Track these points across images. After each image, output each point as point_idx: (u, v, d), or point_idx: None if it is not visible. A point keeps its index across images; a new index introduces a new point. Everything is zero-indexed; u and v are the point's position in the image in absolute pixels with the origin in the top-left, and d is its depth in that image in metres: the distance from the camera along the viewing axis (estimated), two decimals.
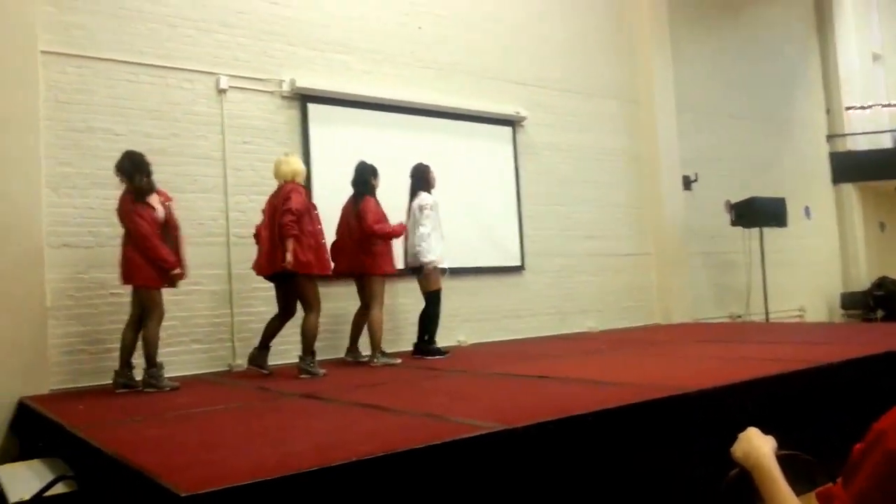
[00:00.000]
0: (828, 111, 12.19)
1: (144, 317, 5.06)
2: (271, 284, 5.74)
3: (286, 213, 5.30)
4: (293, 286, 5.50)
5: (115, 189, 5.65)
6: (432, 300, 6.36)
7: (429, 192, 6.36)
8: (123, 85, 5.83)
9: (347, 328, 6.28)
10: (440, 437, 2.80)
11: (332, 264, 5.83)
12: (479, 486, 2.79)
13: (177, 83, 6.08)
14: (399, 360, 6.01)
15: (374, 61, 7.18)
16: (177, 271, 5.11)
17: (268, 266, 5.47)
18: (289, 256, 5.27)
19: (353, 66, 7.04)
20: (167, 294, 5.36)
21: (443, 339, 6.99)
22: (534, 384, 4.47)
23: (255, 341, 5.72)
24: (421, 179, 6.39)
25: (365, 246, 5.93)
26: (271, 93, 6.56)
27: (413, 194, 6.37)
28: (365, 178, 6.07)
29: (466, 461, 2.78)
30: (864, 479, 1.13)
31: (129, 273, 5.01)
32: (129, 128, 5.81)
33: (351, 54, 7.03)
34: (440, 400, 4.10)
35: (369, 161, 6.17)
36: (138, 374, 5.13)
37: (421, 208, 6.23)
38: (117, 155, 5.66)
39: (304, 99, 6.70)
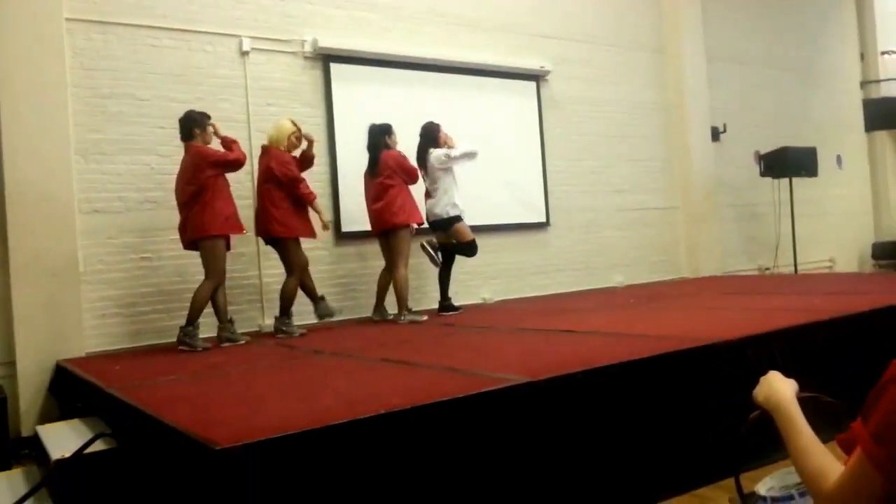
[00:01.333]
0: (862, 56, 11.85)
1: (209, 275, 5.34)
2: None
3: (296, 182, 5.56)
4: (280, 249, 5.72)
5: (142, 154, 5.74)
6: (466, 249, 6.41)
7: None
8: (146, 50, 5.85)
9: (373, 287, 6.35)
10: (467, 389, 2.84)
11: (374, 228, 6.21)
12: (507, 438, 2.84)
13: (199, 46, 6.08)
14: (425, 317, 6.07)
15: (397, 18, 7.12)
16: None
17: (262, 230, 5.72)
18: (325, 217, 5.73)
19: (375, 24, 6.98)
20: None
21: (467, 297, 7.10)
22: (560, 338, 4.49)
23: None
24: (429, 138, 6.38)
25: (388, 202, 5.98)
26: (293, 53, 6.54)
27: (423, 152, 6.37)
28: (377, 141, 6.11)
29: (495, 413, 2.82)
30: (882, 413, 1.14)
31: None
32: (154, 93, 5.84)
33: (373, 12, 6.97)
34: (467, 355, 4.14)
35: (382, 121, 6.19)
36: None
37: (440, 165, 6.25)
38: (143, 120, 5.76)
39: (326, 59, 6.67)
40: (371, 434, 2.51)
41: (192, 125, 5.34)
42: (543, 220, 7.97)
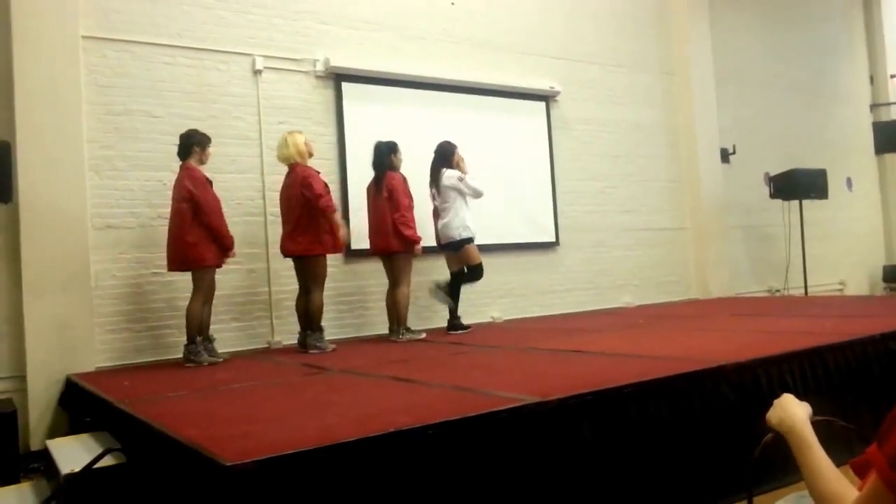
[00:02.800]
0: (871, 79, 11.87)
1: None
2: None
3: (319, 197, 5.48)
4: (306, 265, 5.71)
5: (154, 171, 5.78)
6: (474, 272, 6.42)
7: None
8: (160, 68, 5.91)
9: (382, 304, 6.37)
10: (476, 409, 2.83)
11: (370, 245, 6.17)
12: (516, 458, 2.83)
13: (213, 65, 6.14)
14: (424, 335, 6.12)
15: (408, 38, 7.18)
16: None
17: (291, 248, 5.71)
18: (342, 232, 5.68)
19: (387, 44, 7.04)
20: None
21: (476, 316, 7.10)
22: (568, 358, 4.48)
23: (293, 318, 5.83)
24: (444, 158, 6.42)
25: (394, 225, 6.00)
26: (306, 72, 6.60)
27: (436, 171, 6.40)
28: (382, 159, 6.12)
29: (503, 432, 2.81)
30: None
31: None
32: (167, 110, 5.90)
33: (384, 32, 7.03)
34: (475, 374, 4.13)
35: (389, 139, 6.24)
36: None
37: (452, 185, 6.28)
38: (156, 137, 5.81)
39: (338, 78, 6.73)
40: (379, 452, 2.52)
41: (193, 143, 5.38)
42: (553, 239, 7.97)
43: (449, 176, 6.34)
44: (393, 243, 6.03)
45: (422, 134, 6.69)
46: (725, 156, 9.46)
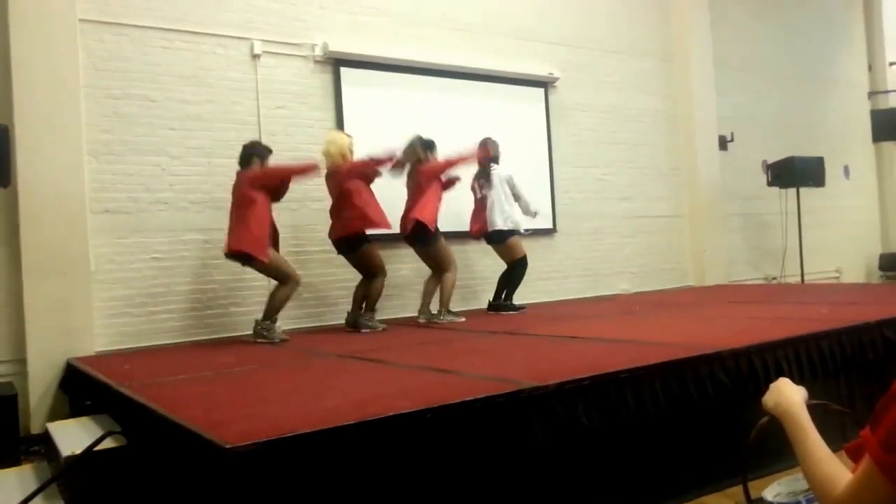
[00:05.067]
0: (870, 67, 11.85)
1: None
2: (306, 250, 6.23)
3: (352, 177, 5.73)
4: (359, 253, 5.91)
5: (153, 156, 5.78)
6: (519, 265, 6.77)
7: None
8: (158, 52, 5.89)
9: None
10: (474, 393, 2.86)
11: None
12: (513, 442, 2.86)
13: (210, 49, 6.12)
14: (463, 318, 6.28)
15: (406, 23, 7.15)
16: None
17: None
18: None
19: (385, 29, 7.02)
20: (208, 258, 5.50)
21: (474, 302, 7.16)
22: (565, 343, 4.51)
23: (291, 303, 5.85)
24: (494, 155, 6.72)
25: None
26: (304, 57, 6.58)
27: (487, 166, 6.66)
28: (413, 150, 6.23)
29: (500, 417, 2.84)
30: (891, 421, 1.16)
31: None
32: (165, 94, 5.88)
33: (383, 17, 7.01)
34: (473, 359, 4.16)
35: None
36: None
37: (505, 179, 6.65)
38: (154, 121, 5.81)
39: (336, 63, 6.71)
40: (378, 435, 2.54)
41: (254, 155, 5.53)
42: (550, 226, 7.98)
43: (502, 177, 6.63)
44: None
45: (420, 119, 6.68)
46: (723, 143, 9.47)
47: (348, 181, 5.72)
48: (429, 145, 6.25)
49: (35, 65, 5.26)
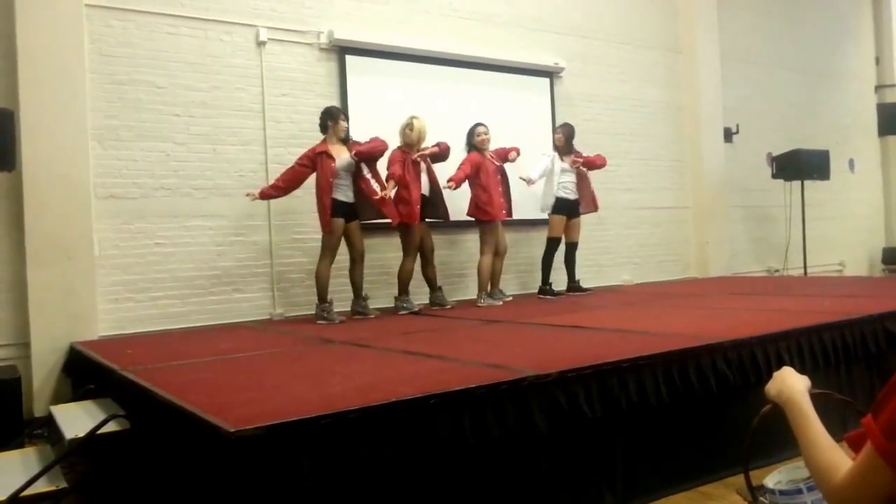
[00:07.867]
0: (877, 60, 11.80)
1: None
2: (309, 237, 6.23)
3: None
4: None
5: (158, 141, 5.79)
6: (548, 244, 7.20)
7: None
8: (164, 38, 5.89)
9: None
10: (477, 380, 2.87)
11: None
12: (515, 429, 2.87)
13: (216, 35, 6.11)
14: (501, 302, 6.63)
15: (412, 12, 7.14)
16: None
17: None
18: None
19: (391, 17, 7.00)
20: (212, 244, 5.50)
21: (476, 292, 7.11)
22: (568, 333, 4.51)
23: (294, 290, 5.87)
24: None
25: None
26: (310, 44, 6.57)
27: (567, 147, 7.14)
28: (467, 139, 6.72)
29: (503, 404, 2.85)
30: (893, 409, 1.16)
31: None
32: (170, 80, 5.88)
33: (389, 5, 6.99)
34: (476, 347, 4.17)
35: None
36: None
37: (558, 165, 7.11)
38: (159, 107, 5.81)
39: (342, 51, 6.70)
40: (381, 420, 2.55)
41: (326, 117, 5.86)
42: None
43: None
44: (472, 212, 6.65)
45: (425, 108, 6.65)
46: (728, 135, 9.45)
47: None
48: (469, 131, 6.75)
49: (40, 50, 5.26)
